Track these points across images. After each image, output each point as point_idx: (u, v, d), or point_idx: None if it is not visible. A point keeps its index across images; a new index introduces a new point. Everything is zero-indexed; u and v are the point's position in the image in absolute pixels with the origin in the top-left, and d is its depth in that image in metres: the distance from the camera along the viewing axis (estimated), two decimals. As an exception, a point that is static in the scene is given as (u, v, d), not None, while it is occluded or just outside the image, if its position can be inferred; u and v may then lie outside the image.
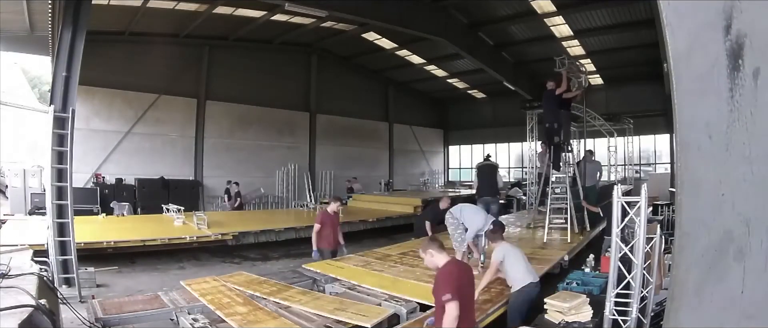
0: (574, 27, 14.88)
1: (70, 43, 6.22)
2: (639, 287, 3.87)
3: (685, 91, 1.22)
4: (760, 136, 1.10)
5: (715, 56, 1.14)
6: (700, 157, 1.19)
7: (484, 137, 25.82)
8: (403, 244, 8.36)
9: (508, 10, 14.67)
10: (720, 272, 1.15)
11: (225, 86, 17.48)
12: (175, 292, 5.24)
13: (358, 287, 5.35)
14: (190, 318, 4.29)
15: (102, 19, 12.07)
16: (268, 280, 5.69)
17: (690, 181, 1.22)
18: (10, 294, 2.32)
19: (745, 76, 1.11)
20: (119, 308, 4.64)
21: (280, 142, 19.19)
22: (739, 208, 1.13)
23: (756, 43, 1.09)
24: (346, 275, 5.80)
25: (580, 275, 5.45)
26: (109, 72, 14.41)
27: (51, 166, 6.04)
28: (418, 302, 4.63)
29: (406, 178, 24.03)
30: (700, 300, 1.19)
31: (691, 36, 1.20)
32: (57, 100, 6.15)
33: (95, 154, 14.60)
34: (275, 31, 16.69)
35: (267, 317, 4.26)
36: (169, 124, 16.40)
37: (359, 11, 12.60)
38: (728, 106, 1.13)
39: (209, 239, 9.31)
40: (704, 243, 1.18)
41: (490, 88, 23.03)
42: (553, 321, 4.09)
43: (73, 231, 6.11)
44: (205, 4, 13.44)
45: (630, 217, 3.92)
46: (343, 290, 5.31)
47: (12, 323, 1.88)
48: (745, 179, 1.11)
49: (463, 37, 15.27)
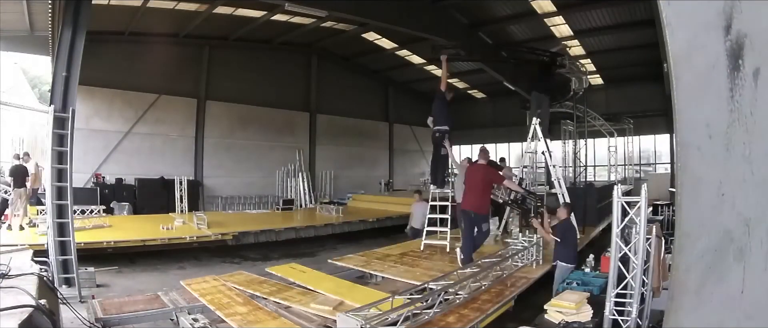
0: (574, 27, 14.87)
1: (70, 43, 6.21)
2: (639, 287, 3.86)
3: (685, 91, 1.22)
4: (760, 136, 1.10)
5: (715, 56, 1.14)
6: (700, 157, 1.19)
7: (483, 137, 25.81)
8: (403, 244, 8.36)
9: (508, 10, 14.65)
10: (720, 272, 1.15)
11: (225, 86, 17.47)
12: (175, 292, 5.25)
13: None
14: (190, 318, 4.29)
15: (102, 19, 12.07)
16: (268, 280, 5.69)
17: (690, 181, 1.22)
18: (10, 294, 2.32)
19: (745, 76, 1.11)
20: (119, 308, 4.64)
21: (280, 142, 19.19)
22: (739, 208, 1.13)
23: (756, 43, 1.09)
24: (305, 280, 5.54)
25: (580, 275, 5.45)
26: (109, 72, 14.41)
27: (51, 166, 6.03)
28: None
29: (406, 178, 24.03)
30: (700, 300, 1.19)
31: (691, 36, 1.20)
32: (57, 100, 6.15)
33: (95, 154, 14.60)
34: (275, 31, 16.69)
35: (267, 317, 4.26)
36: (169, 124, 16.39)
37: (359, 11, 12.59)
38: (728, 106, 1.13)
39: (209, 239, 9.32)
40: (704, 243, 1.18)
41: (490, 88, 23.02)
42: (553, 321, 4.09)
43: (73, 231, 6.11)
44: (205, 4, 13.44)
45: (630, 217, 3.92)
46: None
47: (12, 323, 1.88)
48: (745, 179, 1.11)
49: (463, 37, 15.25)
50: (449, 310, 4.20)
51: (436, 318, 4.04)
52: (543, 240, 6.37)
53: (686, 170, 1.22)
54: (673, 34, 1.22)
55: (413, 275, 5.90)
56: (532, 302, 5.13)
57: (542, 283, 5.77)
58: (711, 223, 1.17)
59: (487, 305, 4.62)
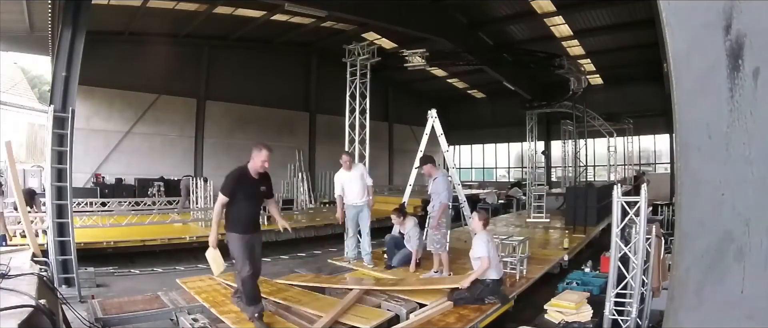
0: (574, 27, 14.88)
1: (69, 42, 6.20)
2: (638, 287, 3.87)
3: (685, 91, 1.22)
4: (760, 136, 1.10)
5: (715, 56, 1.14)
6: (700, 158, 1.19)
7: (483, 137, 25.83)
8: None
9: (507, 10, 14.66)
10: (720, 272, 1.15)
11: (225, 86, 17.48)
12: (175, 292, 5.24)
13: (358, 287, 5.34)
14: (190, 318, 4.29)
15: (102, 19, 12.06)
16: (268, 280, 5.68)
17: (690, 181, 1.22)
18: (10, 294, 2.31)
19: (745, 76, 1.10)
20: (119, 308, 4.64)
21: (280, 142, 19.18)
22: (739, 208, 1.13)
23: (756, 43, 1.09)
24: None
25: (580, 275, 5.46)
26: (109, 72, 14.41)
27: (51, 166, 6.03)
28: (418, 302, 4.63)
29: (406, 178, 23.92)
30: (700, 300, 1.19)
31: (691, 36, 1.20)
32: (57, 100, 6.14)
33: (95, 154, 14.61)
34: (275, 31, 16.69)
35: (263, 316, 4.25)
36: (169, 124, 16.40)
37: (359, 11, 12.60)
38: (728, 106, 1.13)
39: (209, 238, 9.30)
40: (704, 243, 1.18)
41: (490, 88, 23.01)
42: (553, 321, 4.09)
43: (73, 231, 6.11)
44: (204, 4, 13.44)
45: (629, 217, 3.92)
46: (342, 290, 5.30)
47: (12, 323, 1.87)
48: (745, 179, 1.11)
49: (463, 37, 15.26)
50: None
51: (436, 318, 4.05)
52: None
53: (686, 170, 1.22)
54: (673, 34, 1.22)
55: (412, 274, 5.91)
56: (532, 302, 5.13)
57: (542, 283, 5.77)
58: (711, 223, 1.17)
59: (486, 306, 4.62)
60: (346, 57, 7.96)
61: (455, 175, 7.48)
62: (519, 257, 5.62)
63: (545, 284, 5.77)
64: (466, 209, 7.62)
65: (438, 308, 4.37)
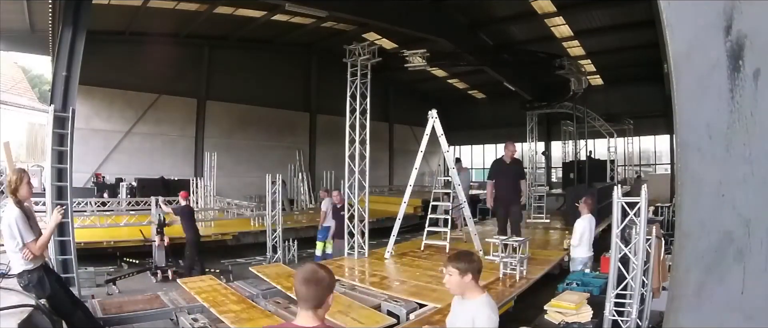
0: (575, 27, 14.87)
1: (70, 42, 6.21)
2: (639, 287, 3.86)
3: (685, 92, 1.22)
4: (760, 136, 1.10)
5: (716, 57, 1.14)
6: (700, 158, 1.19)
7: (483, 138, 25.81)
8: (402, 244, 8.37)
9: (508, 11, 14.66)
10: (720, 272, 1.15)
11: (225, 86, 17.47)
12: (175, 292, 5.25)
13: (358, 287, 5.35)
14: (190, 318, 4.30)
15: (102, 19, 12.07)
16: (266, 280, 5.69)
17: (690, 181, 1.22)
18: (10, 294, 2.32)
19: (746, 76, 1.10)
20: (119, 308, 4.64)
21: (280, 142, 19.19)
22: (739, 208, 1.13)
23: (756, 44, 1.09)
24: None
25: (580, 276, 5.45)
26: (109, 72, 14.42)
27: (51, 165, 6.03)
28: (417, 302, 4.63)
29: (406, 178, 23.95)
30: (700, 300, 1.19)
31: (692, 37, 1.20)
32: (57, 100, 6.14)
33: (95, 154, 14.61)
34: (275, 31, 16.69)
35: (260, 315, 4.27)
36: (169, 124, 16.40)
37: (359, 11, 12.60)
38: (728, 106, 1.13)
39: (209, 238, 9.32)
40: (704, 244, 1.18)
41: (490, 89, 23.00)
42: (553, 321, 4.09)
43: (73, 231, 6.11)
44: (205, 4, 13.44)
45: (629, 217, 3.92)
46: (343, 290, 5.31)
47: (12, 323, 1.88)
48: (745, 179, 1.11)
49: (463, 38, 15.26)
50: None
51: (436, 318, 4.04)
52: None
53: (686, 171, 1.22)
54: (673, 34, 1.22)
55: (412, 275, 5.91)
56: (532, 302, 5.13)
57: (542, 283, 5.77)
58: (711, 223, 1.17)
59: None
60: (346, 57, 7.97)
61: (455, 175, 7.51)
62: (519, 258, 5.63)
63: (545, 285, 5.76)
64: (467, 210, 7.68)
65: (438, 309, 4.36)
